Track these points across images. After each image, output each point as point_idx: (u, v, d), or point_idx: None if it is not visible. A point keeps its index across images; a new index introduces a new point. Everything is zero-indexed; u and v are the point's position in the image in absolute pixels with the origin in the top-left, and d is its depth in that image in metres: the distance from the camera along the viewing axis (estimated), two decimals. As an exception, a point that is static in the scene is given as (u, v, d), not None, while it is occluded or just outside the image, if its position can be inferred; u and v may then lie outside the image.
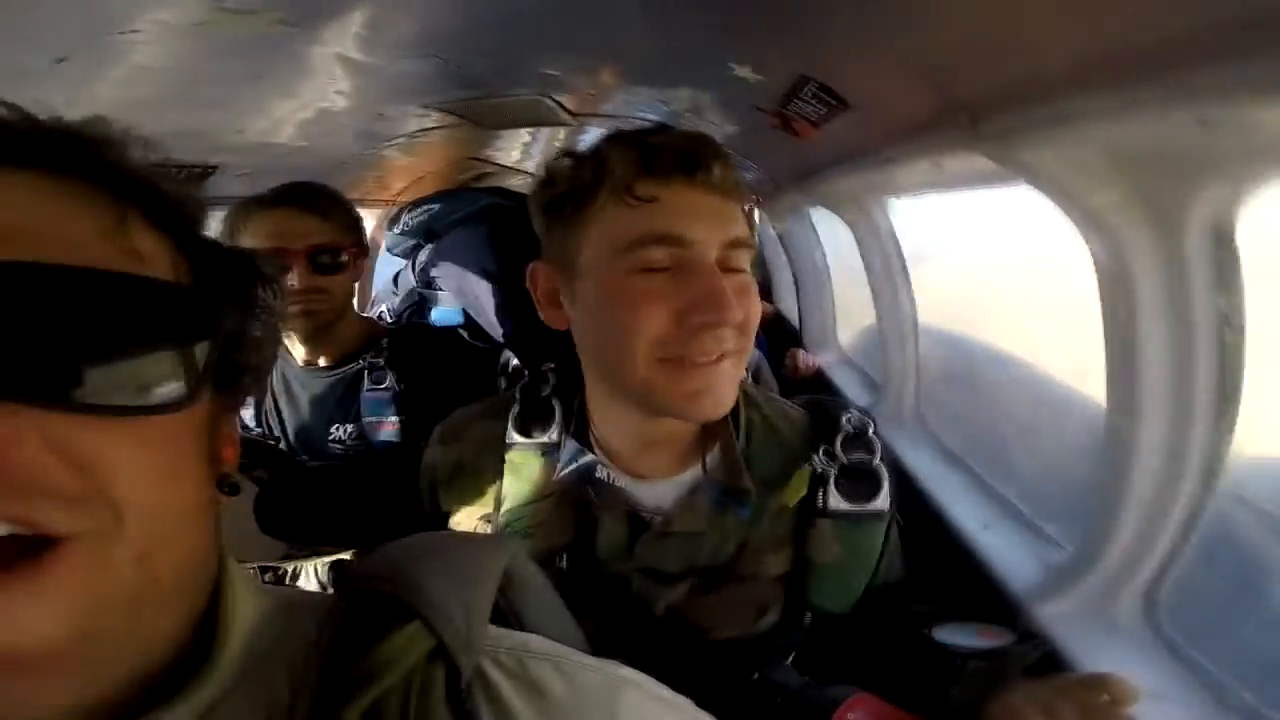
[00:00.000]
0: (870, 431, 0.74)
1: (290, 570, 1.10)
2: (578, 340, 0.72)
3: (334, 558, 1.02)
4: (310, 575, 1.11)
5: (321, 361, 1.21)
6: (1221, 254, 0.69)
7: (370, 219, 2.45)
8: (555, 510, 0.73)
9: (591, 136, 2.31)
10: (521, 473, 0.75)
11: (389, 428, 1.17)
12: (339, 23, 1.05)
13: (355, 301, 1.39)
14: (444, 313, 1.71)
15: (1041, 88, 0.62)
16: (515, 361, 1.34)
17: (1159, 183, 0.68)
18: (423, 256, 1.81)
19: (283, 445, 1.23)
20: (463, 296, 1.64)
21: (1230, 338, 0.72)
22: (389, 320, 1.83)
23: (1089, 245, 0.79)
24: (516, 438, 0.76)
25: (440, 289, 1.75)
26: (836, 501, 0.71)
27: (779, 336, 2.40)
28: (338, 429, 1.21)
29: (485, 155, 2.68)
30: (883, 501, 0.72)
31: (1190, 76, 0.48)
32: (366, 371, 1.18)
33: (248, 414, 1.28)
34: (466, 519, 0.77)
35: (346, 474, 1.17)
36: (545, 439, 0.75)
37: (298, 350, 1.20)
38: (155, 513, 0.28)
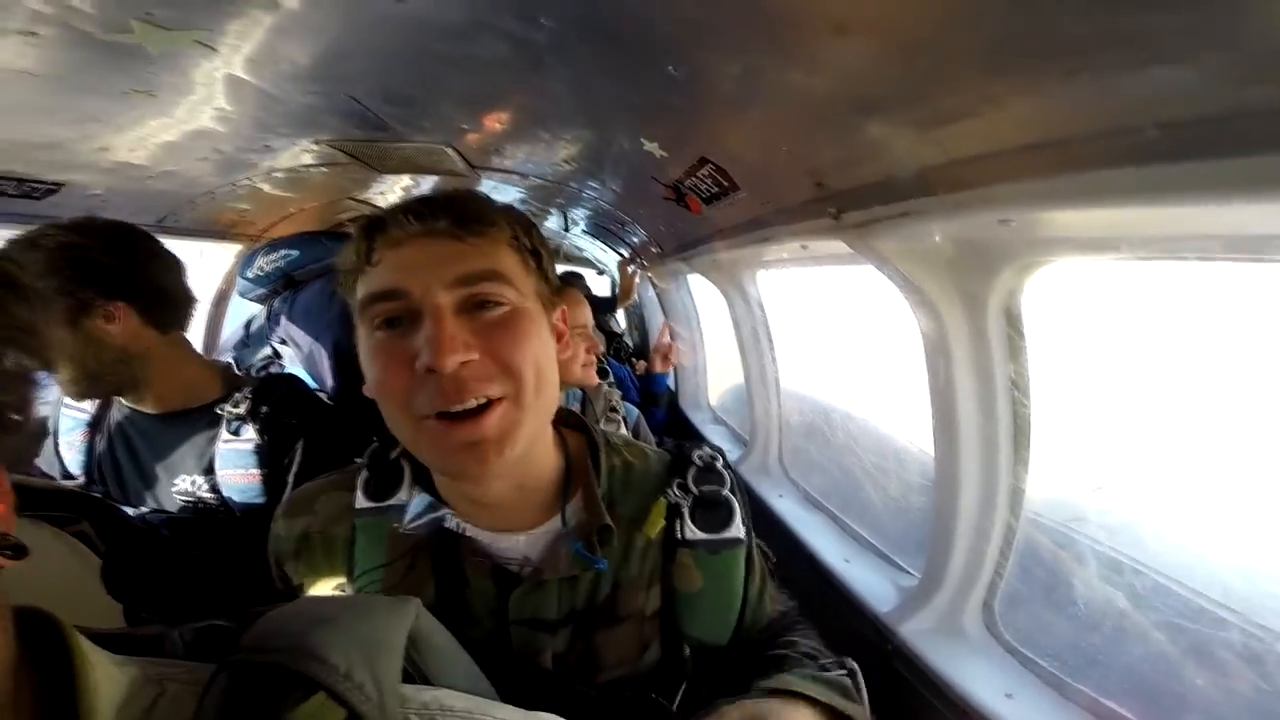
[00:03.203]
0: (719, 464, 0.78)
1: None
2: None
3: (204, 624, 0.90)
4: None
5: (151, 409, 1.09)
6: (1011, 331, 0.90)
7: (231, 254, 2.24)
8: (411, 572, 0.70)
9: (485, 187, 2.35)
10: (372, 537, 0.72)
11: (248, 480, 1.09)
12: (247, 44, 1.02)
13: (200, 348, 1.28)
14: (294, 370, 1.64)
15: (893, 190, 0.79)
16: None
17: (969, 272, 0.89)
18: (276, 306, 1.71)
19: (115, 496, 1.09)
20: (310, 361, 1.60)
21: (1018, 396, 0.94)
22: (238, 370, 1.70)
23: (918, 320, 0.99)
24: (366, 503, 0.73)
25: (289, 346, 1.66)
26: (693, 532, 0.73)
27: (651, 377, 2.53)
28: (185, 480, 1.09)
29: (365, 196, 2.59)
30: (737, 529, 0.74)
31: (996, 188, 0.67)
32: (224, 423, 1.10)
33: (75, 462, 1.11)
34: (320, 590, 0.73)
35: (201, 534, 1.07)
36: (395, 500, 0.73)
37: (125, 398, 1.08)
38: None
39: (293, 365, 1.72)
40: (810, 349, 1.79)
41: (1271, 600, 0.76)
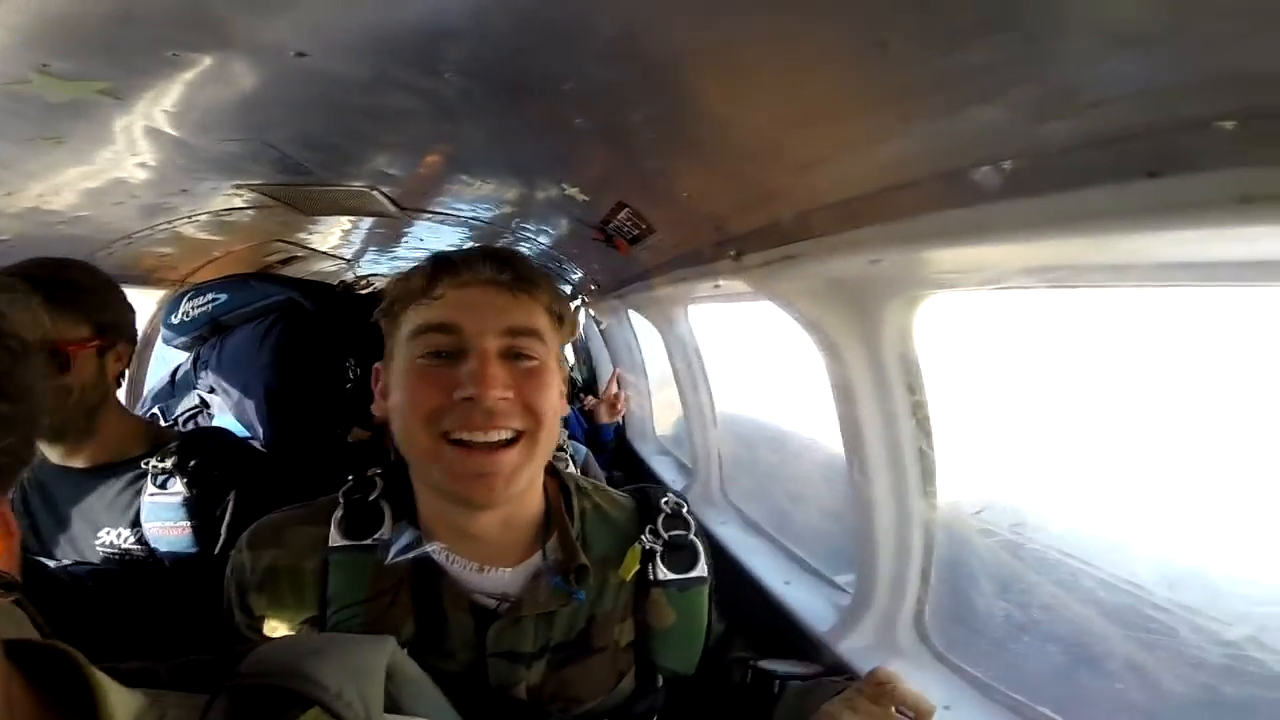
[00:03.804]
0: (685, 510, 0.87)
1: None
2: (392, 427, 0.76)
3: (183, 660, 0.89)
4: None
5: (81, 463, 1.07)
6: (905, 362, 0.95)
7: (153, 301, 2.16)
8: (392, 608, 0.73)
9: (421, 228, 2.35)
10: (350, 572, 0.75)
11: (177, 533, 1.08)
12: (156, 94, 1.02)
13: (124, 397, 1.24)
14: (222, 423, 1.60)
15: (778, 234, 0.84)
16: None
17: (859, 309, 0.93)
18: (203, 353, 1.67)
19: (32, 548, 1.07)
20: (239, 409, 1.56)
21: (920, 422, 0.99)
22: (165, 421, 1.64)
23: (822, 357, 1.03)
24: (341, 540, 0.77)
25: (217, 394, 1.63)
26: (664, 573, 0.81)
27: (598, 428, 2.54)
28: (109, 533, 1.08)
29: (297, 239, 2.54)
30: (702, 569, 0.83)
31: (863, 231, 0.72)
32: (149, 477, 1.08)
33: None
34: (286, 624, 0.75)
35: (128, 585, 1.05)
36: (374, 539, 0.76)
37: (51, 451, 1.05)
38: None
39: (221, 413, 1.66)
40: (748, 377, 1.84)
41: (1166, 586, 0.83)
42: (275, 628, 0.75)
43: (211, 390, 1.68)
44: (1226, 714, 0.71)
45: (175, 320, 1.70)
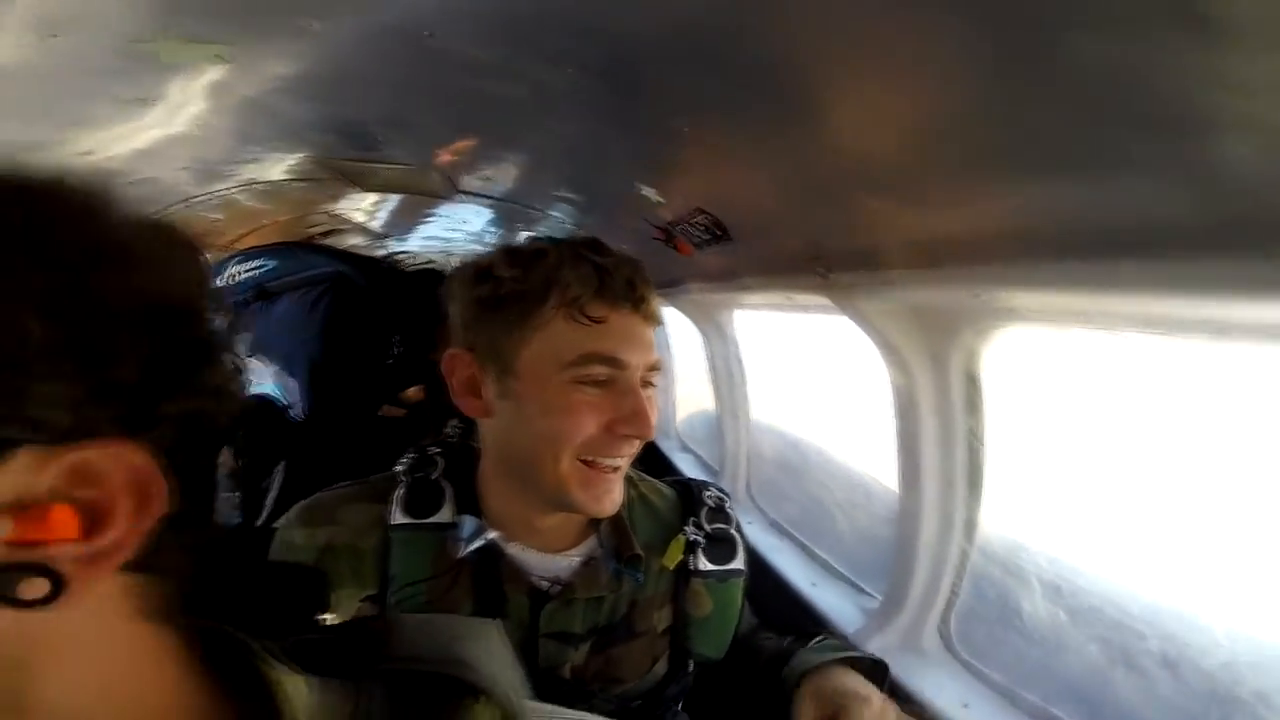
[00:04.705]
0: (727, 505, 0.92)
1: None
2: (492, 430, 0.78)
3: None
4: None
5: None
6: (970, 387, 1.02)
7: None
8: (454, 588, 0.76)
9: (465, 210, 2.36)
10: (412, 550, 0.76)
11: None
12: (266, 60, 1.03)
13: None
14: (260, 390, 1.60)
15: (879, 259, 0.91)
16: None
17: (935, 333, 1.01)
18: (245, 318, 1.69)
19: None
20: (279, 376, 1.58)
21: (975, 444, 1.06)
22: None
23: (889, 372, 1.11)
24: (404, 518, 0.78)
25: (258, 360, 1.64)
26: (704, 564, 0.85)
27: None
28: None
29: (337, 210, 2.56)
30: (739, 561, 0.89)
31: (974, 269, 0.78)
32: None
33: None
34: (344, 602, 0.76)
35: None
36: (438, 519, 0.78)
37: None
38: None
39: (260, 378, 1.68)
40: (786, 385, 1.90)
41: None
42: (332, 605, 0.76)
43: (251, 355, 1.69)
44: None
45: (220, 283, 1.71)
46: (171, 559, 0.30)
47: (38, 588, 0.25)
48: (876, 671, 0.86)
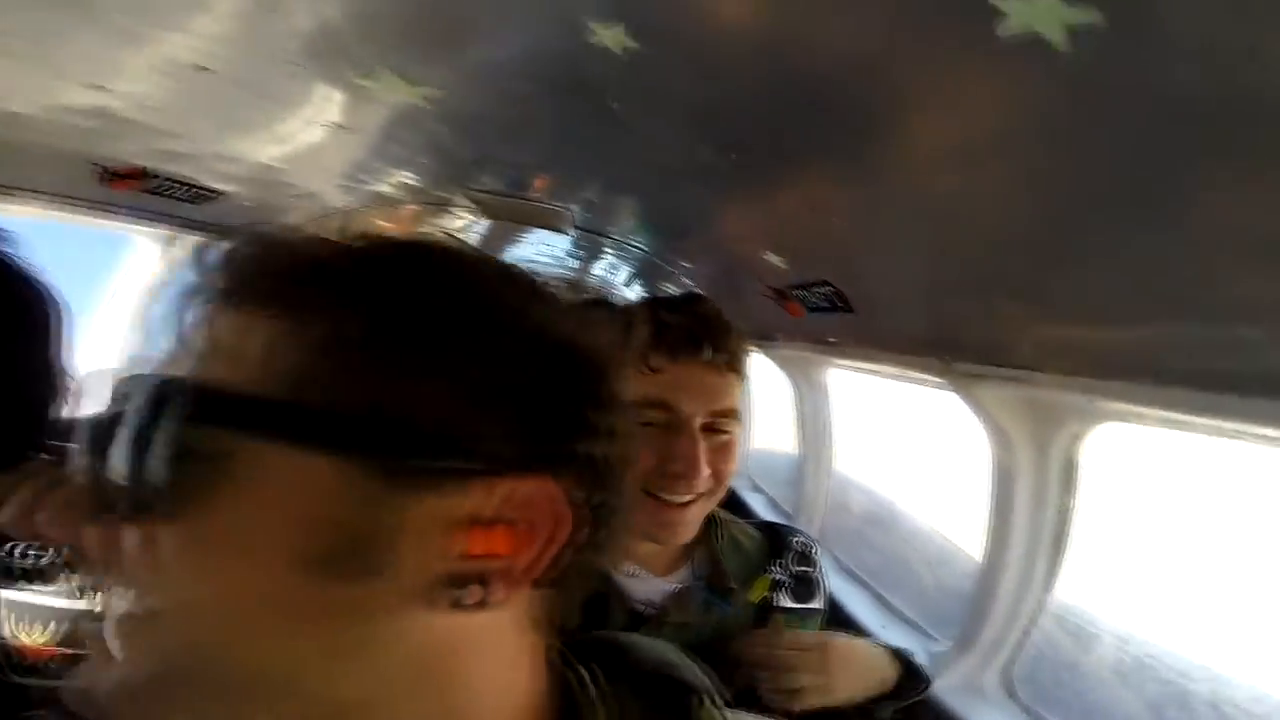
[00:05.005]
0: (814, 551, 0.97)
1: None
2: None
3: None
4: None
5: None
6: (1067, 470, 1.20)
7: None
8: None
9: (562, 242, 2.51)
10: None
11: None
12: (459, 97, 1.14)
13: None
14: None
15: (1007, 356, 1.09)
16: None
17: (1042, 421, 1.19)
18: None
19: None
20: None
21: (1064, 516, 1.23)
22: None
23: (992, 448, 1.28)
24: None
25: None
26: (787, 600, 0.90)
27: None
28: None
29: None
30: (819, 601, 0.94)
31: (1096, 383, 0.96)
32: None
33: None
34: None
35: None
36: None
37: None
38: None
39: None
40: (877, 445, 2.06)
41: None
42: None
43: None
44: None
45: None
46: (569, 580, 0.35)
47: (474, 595, 0.31)
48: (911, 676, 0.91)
